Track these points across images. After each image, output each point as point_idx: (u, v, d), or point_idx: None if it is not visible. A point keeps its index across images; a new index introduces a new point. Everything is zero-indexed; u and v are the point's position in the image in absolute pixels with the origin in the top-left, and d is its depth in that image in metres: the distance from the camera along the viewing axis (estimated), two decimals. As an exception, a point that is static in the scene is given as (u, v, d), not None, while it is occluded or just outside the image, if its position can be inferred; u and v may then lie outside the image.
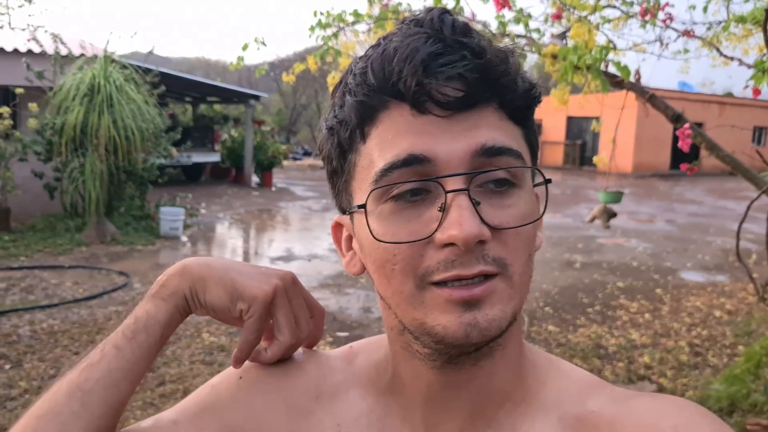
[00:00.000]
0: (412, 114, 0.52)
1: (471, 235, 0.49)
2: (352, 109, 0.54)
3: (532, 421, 0.58)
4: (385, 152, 0.53)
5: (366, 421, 0.63)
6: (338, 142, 0.57)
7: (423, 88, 0.51)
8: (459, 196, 0.50)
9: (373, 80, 0.53)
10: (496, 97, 0.53)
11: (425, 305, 0.52)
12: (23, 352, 4.54)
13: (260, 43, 5.21)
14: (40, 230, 8.95)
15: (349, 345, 0.73)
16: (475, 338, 0.51)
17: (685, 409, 0.53)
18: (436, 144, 0.51)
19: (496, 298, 0.51)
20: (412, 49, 0.51)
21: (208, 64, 45.51)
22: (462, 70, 0.51)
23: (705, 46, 5.17)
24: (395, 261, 0.52)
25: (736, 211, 13.79)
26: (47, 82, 8.90)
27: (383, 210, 0.53)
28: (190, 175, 17.02)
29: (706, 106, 23.22)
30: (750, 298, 6.52)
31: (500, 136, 0.53)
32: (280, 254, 8.67)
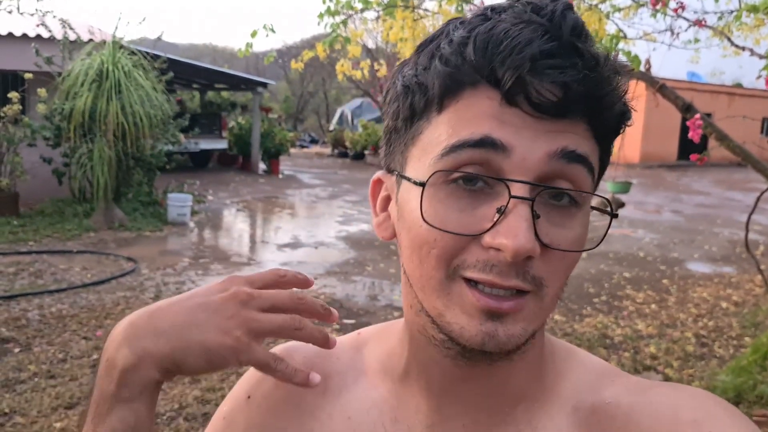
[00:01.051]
0: (500, 103, 0.48)
1: (523, 249, 0.47)
2: (439, 76, 0.50)
3: (549, 414, 0.57)
4: (460, 129, 0.49)
5: (377, 411, 0.62)
6: (411, 103, 0.52)
7: (522, 83, 0.47)
8: (522, 205, 0.47)
9: (473, 56, 0.48)
10: (591, 113, 0.50)
11: (450, 297, 0.50)
12: (32, 336, 4.58)
13: (269, 29, 5.19)
14: (49, 215, 9.00)
15: (357, 332, 0.71)
16: (490, 348, 0.50)
17: (704, 400, 0.52)
18: (517, 136, 0.48)
19: (522, 316, 0.50)
20: (525, 39, 0.47)
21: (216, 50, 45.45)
22: (569, 79, 0.47)
23: (716, 35, 5.12)
24: (434, 245, 0.50)
25: (743, 203, 13.74)
26: (56, 68, 8.91)
27: (440, 191, 0.50)
28: (198, 162, 17.05)
29: (715, 97, 23.06)
30: (757, 289, 6.50)
31: (584, 146, 0.50)
32: (286, 241, 8.69)
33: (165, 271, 6.62)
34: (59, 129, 8.78)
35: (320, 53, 4.84)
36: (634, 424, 0.52)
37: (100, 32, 10.05)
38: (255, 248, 8.72)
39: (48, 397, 3.65)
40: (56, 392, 3.72)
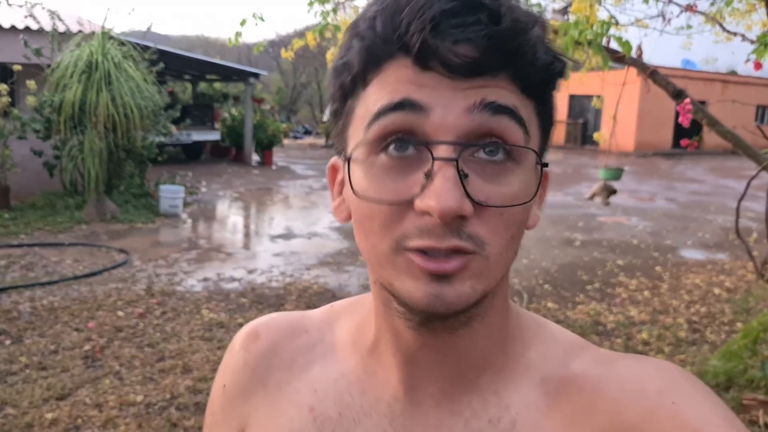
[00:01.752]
0: (414, 69, 0.49)
1: (449, 209, 0.46)
2: (358, 54, 0.51)
3: (515, 384, 0.57)
4: (382, 97, 0.50)
5: (345, 383, 0.62)
6: (341, 84, 0.54)
7: (428, 48, 0.47)
8: (446, 166, 0.47)
9: (381, 29, 0.50)
10: (509, 67, 0.49)
11: (396, 267, 0.50)
12: (24, 329, 4.56)
13: (258, 18, 5.16)
14: (40, 208, 8.95)
15: (330, 305, 0.71)
16: (437, 309, 0.49)
17: (669, 372, 0.53)
18: (434, 95, 0.48)
19: (467, 274, 0.49)
20: (426, 2, 0.47)
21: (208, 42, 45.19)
22: (472, 35, 0.47)
23: (708, 21, 5.11)
24: (374, 218, 0.51)
25: (737, 190, 13.75)
26: (45, 60, 8.84)
27: (372, 163, 0.51)
28: (190, 154, 16.98)
29: (709, 84, 23.08)
30: (749, 275, 6.53)
31: (507, 97, 0.50)
32: (280, 232, 8.68)
33: (157, 263, 6.60)
34: (49, 121, 8.72)
35: (310, 42, 4.80)
36: (601, 395, 0.53)
37: (90, 23, 9.97)
38: (248, 239, 8.70)
39: (39, 388, 3.64)
40: (47, 383, 3.70)
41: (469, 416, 0.57)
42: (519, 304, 5.52)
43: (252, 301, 5.43)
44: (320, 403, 0.62)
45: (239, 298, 5.54)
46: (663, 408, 0.49)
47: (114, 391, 3.66)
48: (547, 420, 0.55)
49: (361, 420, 0.60)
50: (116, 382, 3.79)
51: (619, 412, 0.51)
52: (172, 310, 5.10)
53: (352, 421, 0.60)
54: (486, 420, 0.56)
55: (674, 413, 0.49)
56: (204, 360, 4.11)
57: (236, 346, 0.71)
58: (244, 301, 5.43)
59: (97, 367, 4.00)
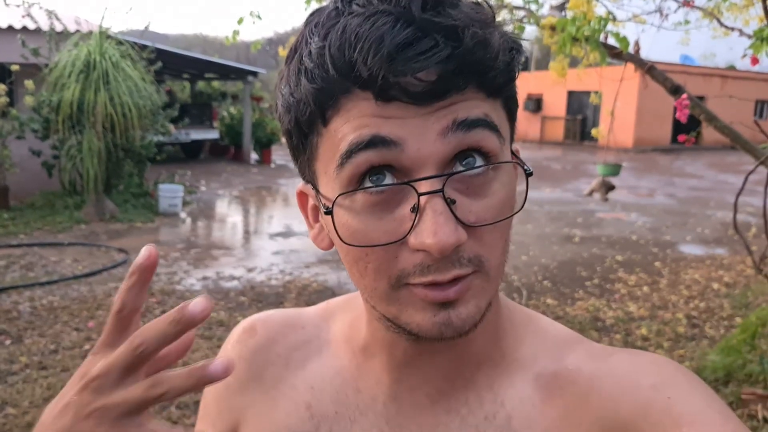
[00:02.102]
0: (377, 102, 0.46)
1: (447, 245, 0.45)
2: (311, 93, 0.48)
3: (510, 380, 0.57)
4: (348, 134, 0.47)
5: (340, 380, 0.63)
6: (296, 121, 0.50)
7: (389, 83, 0.45)
8: (433, 199, 0.46)
9: (332, 68, 0.46)
10: (473, 80, 0.47)
11: (400, 302, 0.50)
12: (23, 328, 4.57)
13: (256, 16, 5.16)
14: (39, 208, 8.95)
15: (326, 302, 0.72)
16: (448, 335, 0.50)
17: (663, 366, 0.53)
18: (404, 127, 0.46)
19: (470, 294, 0.49)
20: (377, 37, 0.44)
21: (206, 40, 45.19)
22: (433, 64, 0.45)
23: (705, 16, 5.11)
24: (368, 260, 0.49)
25: (736, 185, 13.73)
26: (43, 59, 8.83)
27: (354, 204, 0.49)
28: (189, 153, 16.97)
29: (708, 80, 23.06)
30: (748, 270, 6.53)
31: (475, 109, 0.48)
32: (279, 230, 8.68)
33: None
34: (47, 121, 8.72)
35: (308, 40, 4.80)
36: (595, 389, 0.53)
37: (87, 23, 9.97)
38: (247, 238, 8.70)
39: (40, 388, 3.65)
40: (48, 383, 3.71)
41: (465, 413, 0.57)
42: (518, 300, 5.53)
43: (251, 300, 5.44)
44: (317, 400, 0.62)
45: (239, 296, 5.54)
46: (658, 402, 0.49)
47: (114, 391, 3.67)
48: (542, 415, 0.55)
49: (357, 419, 0.60)
50: (116, 381, 3.80)
51: (614, 406, 0.51)
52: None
53: (348, 420, 0.60)
54: (482, 416, 0.56)
55: (669, 407, 0.49)
56: (204, 358, 4.09)
57: (232, 340, 0.71)
58: (244, 300, 5.44)
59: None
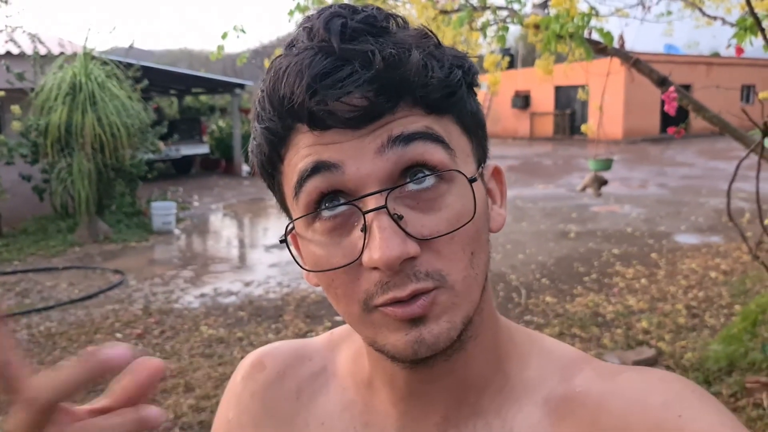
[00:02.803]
0: (315, 133, 0.49)
1: (392, 258, 0.46)
2: (263, 136, 0.52)
3: (518, 404, 0.57)
4: (296, 166, 0.50)
5: (349, 415, 0.62)
6: (261, 164, 0.54)
7: (315, 112, 0.48)
8: (378, 216, 0.47)
9: (270, 108, 0.50)
10: (403, 98, 0.49)
11: (374, 325, 0.51)
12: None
13: (240, 30, 5.15)
14: (32, 233, 8.90)
15: (330, 332, 0.72)
16: (422, 353, 0.49)
17: (673, 383, 0.53)
18: (342, 150, 0.48)
19: (439, 310, 0.49)
20: (299, 71, 0.48)
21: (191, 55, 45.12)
22: (353, 88, 0.47)
23: (687, 7, 5.13)
24: (335, 285, 0.51)
25: (727, 171, 13.79)
26: (28, 83, 8.79)
27: (314, 232, 0.51)
28: (180, 169, 16.93)
29: (693, 68, 23.16)
30: (744, 257, 6.55)
31: (413, 125, 0.49)
32: (274, 242, 8.65)
33: (153, 281, 6.57)
34: (36, 145, 8.68)
35: (293, 51, 4.80)
36: (605, 410, 0.52)
37: (71, 44, 9.93)
38: (243, 251, 8.68)
39: (40, 417, 3.61)
40: (48, 412, 3.67)
41: None
42: (518, 300, 5.52)
43: (250, 314, 5.41)
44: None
45: (237, 311, 5.52)
46: (669, 421, 0.49)
47: (116, 415, 3.63)
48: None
49: None
50: (118, 405, 3.77)
51: (625, 427, 0.50)
52: (170, 329, 5.08)
53: None
54: None
55: (681, 426, 0.48)
56: (206, 377, 4.09)
57: (239, 377, 0.71)
58: (243, 315, 5.41)
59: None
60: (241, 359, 0.74)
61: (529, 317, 5.09)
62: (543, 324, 4.91)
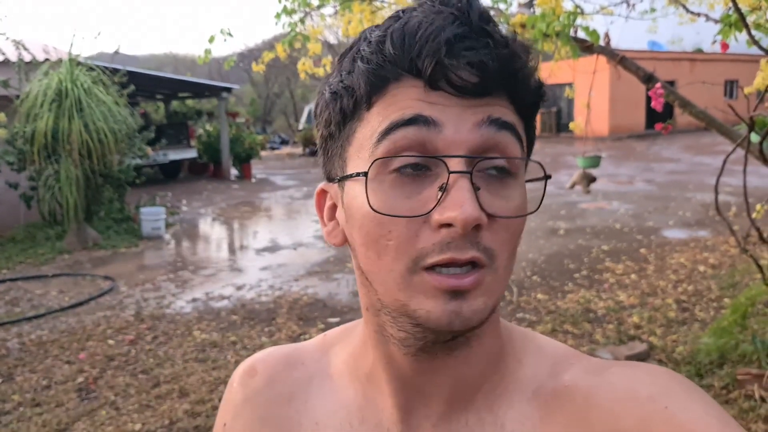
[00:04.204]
0: (425, 89, 0.51)
1: (471, 218, 0.48)
2: (363, 75, 0.52)
3: (510, 400, 0.58)
4: (391, 114, 0.51)
5: (345, 412, 0.63)
6: (341, 107, 0.54)
7: (442, 68, 0.50)
8: (461, 179, 0.49)
9: (392, 51, 0.51)
10: (509, 89, 0.53)
11: (412, 288, 0.51)
12: (14, 366, 4.50)
13: (226, 34, 5.14)
14: (21, 241, 8.84)
15: (323, 334, 0.73)
16: (457, 327, 0.50)
17: (660, 376, 0.54)
18: (445, 112, 0.51)
19: (482, 290, 0.51)
20: (438, 27, 0.50)
21: (177, 59, 44.85)
22: (484, 57, 0.50)
23: (671, 3, 5.18)
24: (390, 237, 0.51)
25: (713, 166, 13.94)
26: (13, 90, 8.72)
27: (383, 181, 0.51)
28: (168, 173, 16.86)
29: (677, 64, 23.35)
30: (732, 250, 6.61)
31: (509, 116, 0.53)
32: (265, 245, 8.64)
33: (144, 287, 6.54)
34: (23, 152, 8.60)
35: (280, 53, 4.79)
36: (593, 404, 0.54)
37: (56, 50, 9.86)
38: (234, 255, 8.65)
39: (35, 425, 3.59)
40: (43, 420, 3.66)
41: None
42: (509, 298, 5.55)
43: (243, 318, 5.40)
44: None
45: (230, 315, 5.51)
46: (656, 413, 0.50)
47: (111, 422, 3.62)
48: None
49: None
50: (113, 412, 3.75)
51: (614, 420, 0.52)
52: (163, 334, 5.06)
53: None
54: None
55: (668, 418, 0.49)
56: (200, 382, 4.08)
57: (234, 384, 0.72)
58: (235, 319, 5.40)
59: (92, 399, 3.95)
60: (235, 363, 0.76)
61: (522, 315, 5.11)
62: (535, 321, 4.93)
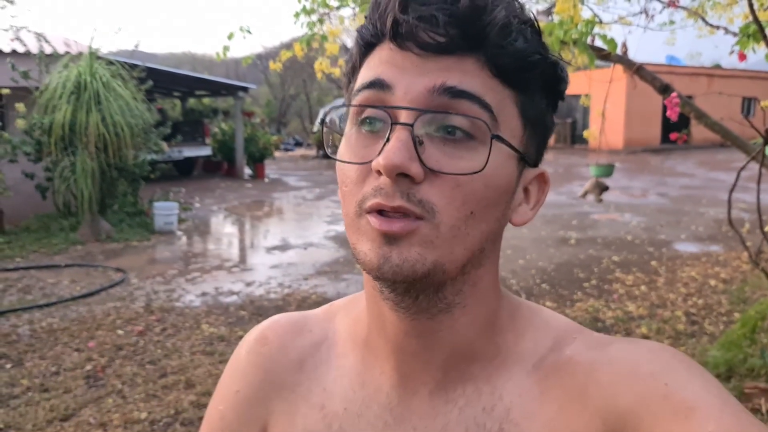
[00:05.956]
0: (394, 49, 0.53)
1: (391, 164, 0.49)
2: (355, 44, 0.57)
3: (509, 373, 0.58)
4: (363, 76, 0.55)
5: (347, 379, 0.64)
6: (346, 72, 0.59)
7: (399, 26, 0.52)
8: (402, 130, 0.50)
9: (369, 18, 0.55)
10: (477, 49, 0.51)
11: (359, 231, 0.53)
12: (24, 351, 4.55)
13: (245, 31, 5.19)
14: (35, 231, 8.93)
15: (330, 303, 0.74)
16: (386, 272, 0.51)
17: (661, 354, 0.54)
18: (402, 75, 0.52)
19: (416, 240, 0.51)
20: None
21: (195, 58, 45.19)
22: (435, 12, 0.50)
23: (690, 16, 5.17)
24: (346, 183, 0.54)
25: (727, 182, 13.82)
26: (33, 82, 8.82)
27: (350, 135, 0.55)
28: (182, 170, 16.96)
29: (695, 79, 23.22)
30: (744, 266, 6.57)
31: (470, 82, 0.51)
32: (275, 244, 8.68)
33: (155, 280, 6.59)
34: (40, 143, 8.70)
35: (298, 53, 4.83)
36: (594, 378, 0.54)
37: (76, 44, 9.98)
38: (244, 252, 8.70)
39: (42, 410, 3.63)
40: (50, 405, 3.69)
41: (463, 404, 0.58)
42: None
43: (251, 314, 5.43)
44: (329, 400, 0.64)
45: (238, 311, 5.54)
46: (656, 389, 0.50)
47: (117, 410, 3.66)
48: (541, 406, 0.56)
49: (363, 413, 0.62)
50: (119, 400, 3.79)
51: (613, 396, 0.52)
52: (171, 326, 5.10)
53: (356, 415, 0.62)
54: (480, 408, 0.57)
55: (667, 394, 0.49)
56: (206, 374, 4.10)
57: (244, 351, 0.72)
58: (244, 314, 5.43)
59: (100, 387, 3.99)
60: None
61: (529, 321, 5.10)
62: (543, 328, 4.92)
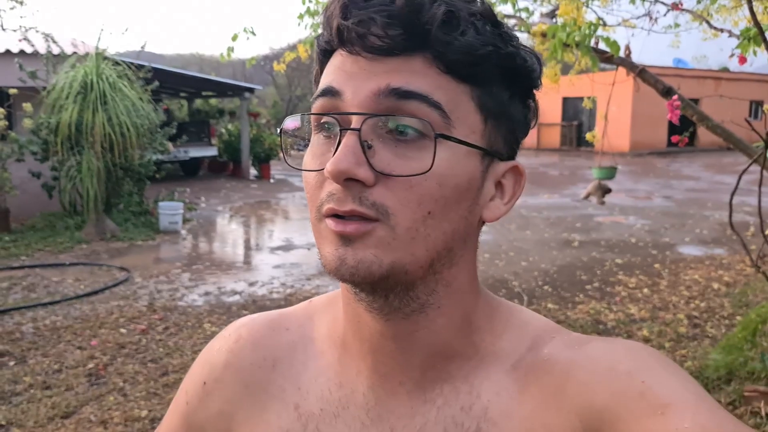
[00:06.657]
0: (344, 55, 0.53)
1: (336, 170, 0.49)
2: (316, 55, 0.58)
3: (486, 372, 0.58)
4: (320, 84, 0.56)
5: (325, 378, 0.64)
6: (314, 79, 0.60)
7: (342, 31, 0.52)
8: (349, 135, 0.50)
9: (322, 26, 0.56)
10: (423, 47, 0.51)
11: (321, 235, 0.54)
12: (27, 349, 4.58)
13: (249, 32, 5.22)
14: (40, 229, 8.98)
15: (309, 300, 0.73)
16: (343, 273, 0.52)
17: (638, 352, 0.54)
18: (350, 80, 0.52)
19: (371, 242, 0.51)
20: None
21: (202, 59, 45.31)
22: (373, 14, 0.50)
23: (695, 19, 5.16)
24: (308, 189, 0.55)
25: (732, 186, 13.79)
26: (40, 82, 8.89)
27: (313, 140, 0.56)
28: (188, 170, 17.01)
29: (702, 82, 23.16)
30: (748, 270, 6.55)
31: (417, 82, 0.51)
32: (279, 244, 8.70)
33: (158, 279, 6.62)
34: (46, 143, 8.76)
35: (302, 54, 4.85)
36: (571, 377, 0.54)
37: (84, 45, 10.04)
38: (248, 252, 8.73)
39: (44, 407, 3.66)
40: (52, 402, 3.72)
41: (441, 404, 0.58)
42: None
43: (254, 313, 5.45)
44: (304, 400, 0.63)
45: (241, 310, 5.56)
46: (633, 387, 0.50)
47: (119, 408, 3.68)
48: (519, 405, 0.56)
49: (340, 413, 0.61)
50: (120, 398, 3.81)
51: (591, 394, 0.52)
52: (174, 325, 5.12)
53: (332, 416, 0.61)
54: (458, 407, 0.58)
55: (644, 391, 0.50)
56: (208, 373, 4.12)
57: (216, 346, 0.71)
58: (246, 314, 5.43)
59: (101, 385, 4.02)
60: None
61: (531, 323, 5.11)
62: (544, 330, 4.92)
